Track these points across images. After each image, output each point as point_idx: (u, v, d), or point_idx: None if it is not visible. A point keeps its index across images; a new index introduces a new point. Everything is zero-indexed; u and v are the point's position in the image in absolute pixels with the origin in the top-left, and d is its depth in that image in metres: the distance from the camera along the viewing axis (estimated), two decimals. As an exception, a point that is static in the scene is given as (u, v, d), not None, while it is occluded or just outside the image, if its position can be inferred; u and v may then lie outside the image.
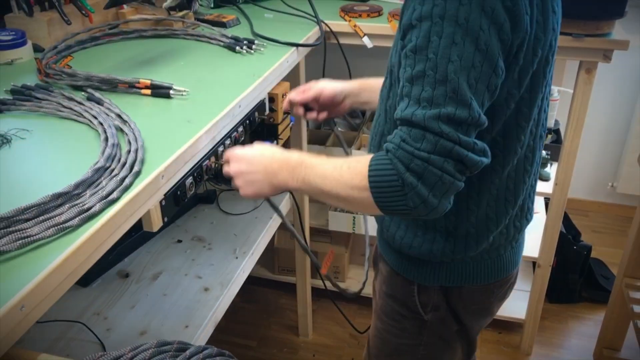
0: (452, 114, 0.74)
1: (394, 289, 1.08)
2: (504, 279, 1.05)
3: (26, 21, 1.38)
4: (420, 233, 0.97)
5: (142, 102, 1.11)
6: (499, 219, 0.96)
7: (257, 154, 0.96)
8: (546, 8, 0.81)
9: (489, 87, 0.76)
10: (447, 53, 0.73)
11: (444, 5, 0.73)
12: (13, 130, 0.97)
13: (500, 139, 0.88)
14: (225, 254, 1.57)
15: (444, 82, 0.74)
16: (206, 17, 1.60)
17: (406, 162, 0.75)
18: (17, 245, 0.68)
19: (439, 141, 0.74)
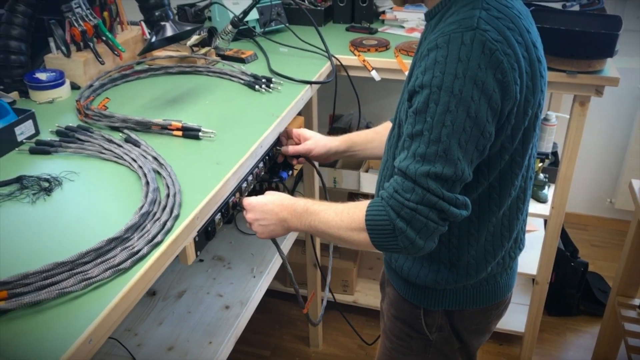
0: (439, 172, 0.87)
1: (401, 312, 1.20)
2: (501, 301, 1.17)
3: (64, 61, 1.51)
4: (426, 264, 1.10)
5: (174, 143, 1.23)
6: (496, 251, 1.08)
7: (268, 202, 1.11)
8: (535, 74, 0.93)
9: (478, 147, 0.89)
10: (442, 118, 0.86)
11: (441, 78, 0.86)
12: (63, 173, 1.10)
13: (496, 184, 1.00)
14: (244, 273, 1.70)
15: (437, 143, 0.87)
16: (226, 53, 1.72)
17: (397, 209, 0.90)
18: (82, 286, 0.80)
19: (426, 195, 0.88)
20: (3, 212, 0.99)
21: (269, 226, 1.11)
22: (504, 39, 0.87)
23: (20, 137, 1.21)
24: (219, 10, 1.88)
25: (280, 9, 1.98)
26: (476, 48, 0.85)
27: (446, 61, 0.85)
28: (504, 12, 0.90)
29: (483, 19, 0.87)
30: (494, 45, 0.85)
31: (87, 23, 1.49)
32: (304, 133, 1.40)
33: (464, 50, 0.85)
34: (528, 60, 0.90)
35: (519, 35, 0.89)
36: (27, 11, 1.45)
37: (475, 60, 0.84)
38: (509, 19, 0.89)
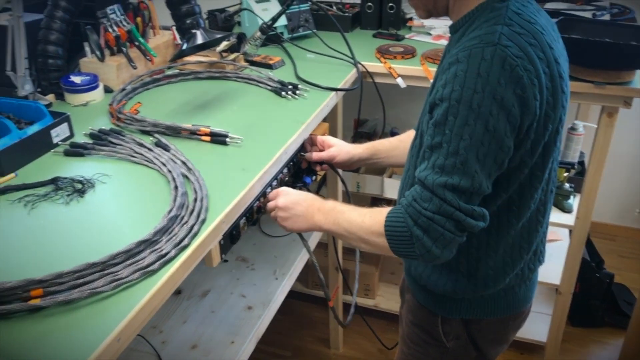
0: (456, 184, 0.89)
1: (419, 319, 1.21)
2: (519, 312, 1.18)
3: (98, 65, 1.56)
4: (445, 273, 1.11)
5: (202, 148, 1.27)
6: (514, 263, 1.09)
7: (301, 196, 1.16)
8: (556, 90, 0.93)
9: (496, 161, 0.90)
10: (460, 132, 0.88)
11: (460, 91, 0.87)
12: (96, 175, 1.15)
13: (516, 197, 1.01)
14: (266, 274, 1.73)
15: (455, 155, 0.89)
16: (254, 59, 1.76)
17: (414, 218, 0.92)
18: (112, 286, 0.84)
19: (442, 205, 0.90)
20: (39, 212, 1.04)
21: (297, 217, 1.15)
22: (525, 55, 0.87)
23: (55, 139, 1.26)
24: (249, 16, 1.91)
25: (308, 15, 2.01)
26: (496, 63, 0.86)
27: (466, 75, 0.87)
28: (526, 28, 0.90)
29: (505, 34, 0.88)
30: (514, 61, 0.86)
31: (121, 28, 1.54)
32: (328, 140, 1.42)
33: (484, 65, 0.86)
34: (549, 76, 0.91)
35: (541, 51, 0.90)
36: (65, 17, 1.51)
37: (494, 75, 0.86)
38: (531, 35, 0.90)
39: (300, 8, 1.96)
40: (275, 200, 1.19)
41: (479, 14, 0.96)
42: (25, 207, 1.06)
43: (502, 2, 0.94)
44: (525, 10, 0.94)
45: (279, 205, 1.18)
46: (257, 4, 1.90)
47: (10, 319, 0.80)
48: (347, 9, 2.16)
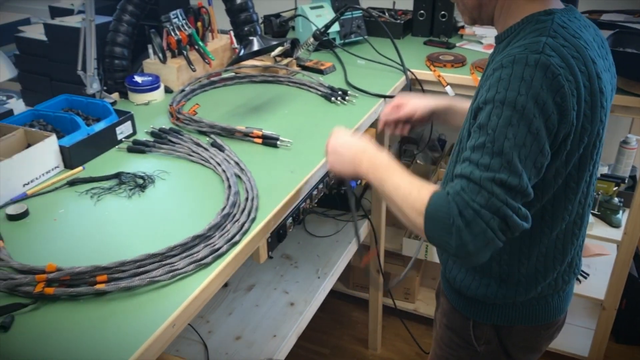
0: (505, 179, 0.88)
1: (452, 322, 1.24)
2: (551, 322, 1.18)
3: (159, 67, 1.65)
4: (478, 277, 1.13)
5: (254, 150, 1.34)
6: (547, 272, 1.10)
7: (354, 142, 1.12)
8: (595, 104, 0.94)
9: (536, 165, 0.90)
10: (504, 131, 0.88)
11: (504, 94, 0.89)
12: (156, 172, 1.23)
13: (549, 207, 1.02)
14: (309, 273, 1.78)
15: (500, 154, 0.88)
16: (306, 64, 1.82)
17: (461, 208, 0.88)
18: (169, 276, 0.91)
19: (491, 199, 0.88)
20: (104, 204, 1.13)
21: (343, 162, 1.11)
22: (567, 66, 0.89)
23: (119, 136, 1.36)
24: (303, 22, 1.97)
25: (361, 21, 2.05)
26: (539, 70, 0.88)
27: (510, 79, 0.89)
28: (570, 41, 0.92)
29: (549, 45, 0.90)
30: (557, 70, 0.88)
31: (182, 32, 1.63)
32: (399, 99, 1.37)
33: (528, 70, 0.88)
34: (589, 90, 0.92)
35: (583, 65, 0.91)
36: (131, 20, 1.60)
37: (537, 81, 0.87)
38: (574, 48, 0.92)
39: (353, 15, 2.01)
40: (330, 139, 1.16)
41: (525, 26, 0.98)
42: (92, 198, 1.15)
43: (548, 16, 0.96)
44: (570, 24, 0.96)
45: (329, 145, 1.15)
46: (311, 10, 1.95)
47: (78, 301, 0.88)
48: (399, 15, 2.19)
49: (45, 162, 1.20)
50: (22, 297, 0.88)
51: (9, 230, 1.04)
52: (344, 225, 2.00)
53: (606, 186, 1.98)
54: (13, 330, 0.83)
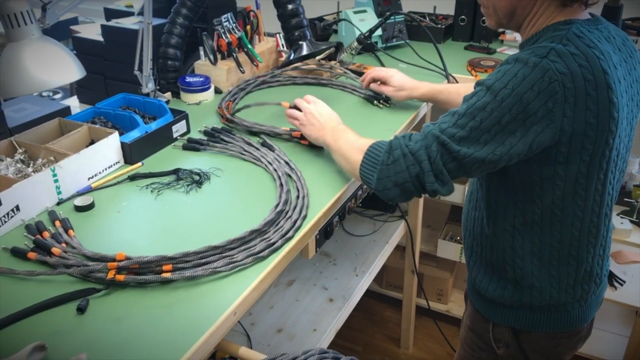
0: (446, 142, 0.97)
1: (474, 323, 1.27)
2: (572, 331, 1.18)
3: (210, 68, 1.72)
4: (495, 279, 1.16)
5: (301, 150, 1.39)
6: (560, 278, 1.11)
7: (328, 112, 1.33)
8: (602, 114, 0.94)
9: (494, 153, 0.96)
10: (475, 113, 0.96)
11: (493, 82, 0.95)
12: (211, 169, 1.29)
13: (558, 213, 1.04)
14: (347, 270, 1.83)
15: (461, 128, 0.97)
16: (349, 67, 1.86)
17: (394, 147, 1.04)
18: (229, 267, 0.97)
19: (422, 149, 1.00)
20: (164, 198, 1.20)
21: (312, 126, 1.32)
22: (570, 73, 0.91)
23: (175, 134, 1.43)
24: (346, 26, 2.02)
25: (402, 26, 2.09)
26: (536, 72, 0.91)
27: (505, 73, 0.94)
28: (581, 50, 0.93)
29: (556, 50, 0.92)
30: (556, 75, 0.90)
31: (232, 35, 1.69)
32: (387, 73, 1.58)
33: (524, 70, 0.92)
34: (594, 99, 0.93)
35: (590, 74, 0.92)
36: (185, 23, 1.67)
37: (529, 81, 0.91)
38: (584, 57, 0.93)
39: (395, 19, 2.05)
40: (308, 104, 1.35)
41: (543, 34, 1.01)
42: (152, 193, 1.21)
43: (566, 25, 0.98)
44: (588, 34, 0.97)
45: (303, 108, 1.34)
46: (354, 15, 2.00)
47: (146, 288, 0.95)
48: (439, 20, 2.23)
49: (108, 157, 1.27)
50: (95, 283, 0.95)
51: (77, 221, 1.12)
52: (381, 225, 2.05)
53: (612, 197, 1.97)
54: (88, 312, 0.90)
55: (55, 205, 1.17)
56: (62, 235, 1.05)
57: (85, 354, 0.79)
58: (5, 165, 1.19)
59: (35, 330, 0.86)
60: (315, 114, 1.32)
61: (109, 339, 0.85)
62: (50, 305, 0.90)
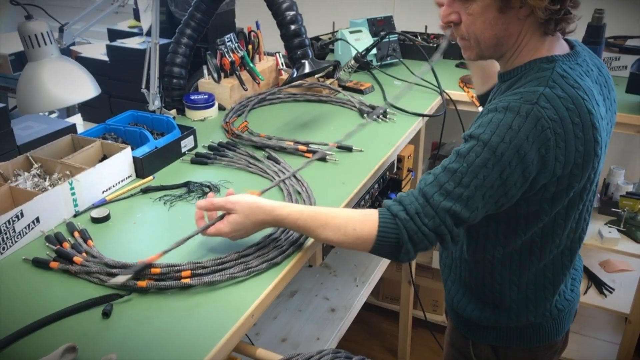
0: (458, 211, 0.96)
1: (454, 340, 1.31)
2: (547, 344, 1.22)
3: (214, 86, 1.78)
4: (474, 301, 1.20)
5: (306, 163, 1.45)
6: (538, 301, 1.15)
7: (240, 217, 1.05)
8: (588, 153, 0.97)
9: (497, 204, 0.98)
10: (477, 170, 0.95)
11: (490, 136, 0.94)
12: (220, 181, 1.34)
13: (538, 240, 1.09)
14: (348, 281, 1.88)
15: (465, 187, 0.96)
16: (347, 85, 1.94)
17: (412, 233, 0.98)
18: (245, 273, 1.02)
19: (440, 226, 0.98)
20: (177, 210, 1.25)
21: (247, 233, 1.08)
22: (560, 118, 0.93)
23: (183, 149, 1.48)
24: (342, 45, 2.10)
25: (396, 45, 2.17)
26: (530, 121, 0.92)
27: (499, 124, 0.93)
28: (567, 92, 0.95)
29: (545, 95, 0.94)
30: (547, 123, 0.92)
31: (235, 54, 1.76)
32: None
33: (518, 120, 0.92)
34: (582, 140, 0.96)
35: (577, 116, 0.95)
36: (189, 43, 1.74)
37: (524, 132, 0.92)
38: (570, 100, 0.95)
39: (390, 38, 2.13)
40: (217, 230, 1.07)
41: (527, 72, 1.01)
42: (165, 204, 1.26)
43: (550, 63, 0.99)
44: (571, 73, 0.98)
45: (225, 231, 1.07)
46: (350, 35, 2.08)
47: (166, 293, 0.99)
48: (431, 39, 2.31)
49: (121, 171, 1.32)
50: (118, 289, 0.99)
51: (94, 231, 1.16)
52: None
53: (632, 203, 2.06)
54: (113, 317, 0.94)
55: (72, 217, 1.21)
56: (82, 245, 1.10)
57: (116, 354, 0.83)
58: (23, 180, 1.24)
59: (65, 333, 0.90)
60: (234, 227, 1.06)
61: (135, 340, 0.89)
62: (77, 310, 0.94)
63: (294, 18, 1.52)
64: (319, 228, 1.03)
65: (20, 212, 1.09)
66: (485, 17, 0.98)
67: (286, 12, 1.52)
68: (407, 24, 2.44)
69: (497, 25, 0.98)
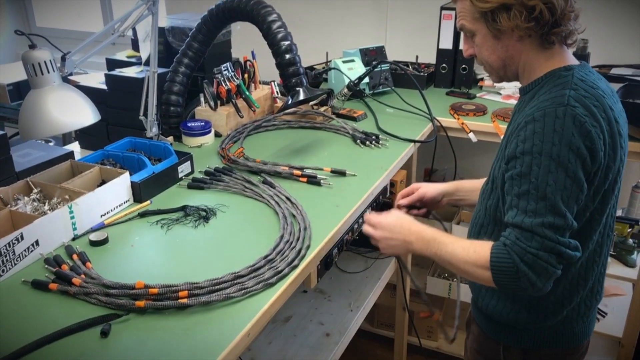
0: (552, 222, 1.03)
1: (483, 347, 1.33)
2: (576, 347, 1.27)
3: (210, 113, 1.82)
4: (509, 304, 1.24)
5: (300, 187, 1.48)
6: (572, 297, 1.20)
7: (397, 224, 1.22)
8: (615, 145, 1.08)
9: (577, 202, 1.05)
10: (545, 179, 1.03)
11: (541, 145, 1.03)
12: (216, 205, 1.37)
13: (577, 238, 1.12)
14: (342, 306, 1.89)
15: (544, 199, 1.03)
16: (340, 112, 1.98)
17: (521, 255, 1.04)
18: (241, 293, 1.04)
19: (544, 242, 1.03)
20: (174, 233, 1.27)
21: (395, 246, 1.22)
22: (590, 114, 1.03)
23: (180, 174, 1.51)
24: (335, 74, 2.15)
25: (388, 74, 2.23)
26: (568, 120, 1.02)
27: (544, 132, 1.03)
28: (590, 92, 1.06)
29: (572, 97, 1.04)
30: (582, 118, 1.02)
31: (231, 82, 1.81)
32: (412, 186, 1.53)
33: (558, 122, 1.02)
34: (610, 133, 1.06)
35: (603, 112, 1.05)
36: (186, 72, 1.79)
37: (568, 130, 1.02)
38: (594, 98, 1.06)
39: (382, 68, 2.19)
40: (373, 231, 1.24)
41: (547, 80, 1.12)
42: (162, 228, 1.29)
43: (568, 71, 1.11)
44: (588, 77, 1.10)
45: (376, 238, 1.23)
46: (343, 64, 2.14)
47: (164, 313, 1.01)
48: (422, 68, 2.38)
49: (119, 195, 1.35)
50: (116, 309, 1.01)
51: (93, 254, 1.18)
52: (372, 263, 2.12)
53: (621, 227, 2.09)
54: (111, 336, 0.95)
55: (71, 240, 1.23)
56: (81, 267, 1.12)
57: (114, 372, 0.85)
58: (23, 204, 1.26)
59: (64, 353, 0.91)
60: (389, 232, 1.22)
61: (134, 359, 0.91)
62: (75, 330, 0.95)
63: (288, 47, 1.58)
64: (447, 254, 1.13)
65: (20, 235, 1.11)
66: (487, 45, 1.14)
67: (281, 42, 1.57)
68: (398, 53, 2.51)
69: (498, 50, 1.13)
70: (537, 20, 1.07)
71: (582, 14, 1.14)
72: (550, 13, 1.07)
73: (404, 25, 2.60)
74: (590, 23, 1.26)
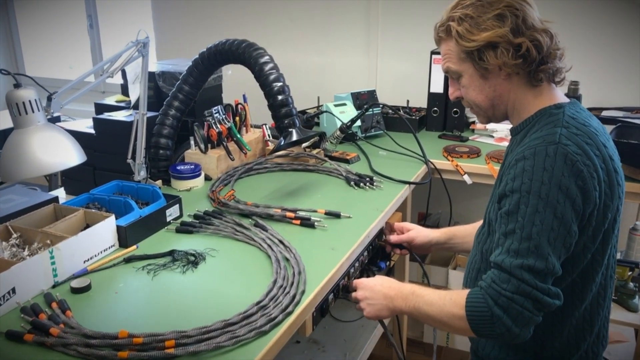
0: (532, 265, 0.98)
1: None
2: None
3: (200, 156, 1.78)
4: (512, 354, 1.18)
5: (293, 230, 1.43)
6: (578, 344, 1.15)
7: (377, 284, 1.21)
8: (612, 183, 1.05)
9: (565, 245, 1.00)
10: (532, 219, 0.99)
11: (529, 184, 1.00)
12: (206, 250, 1.31)
13: (579, 280, 1.10)
14: (337, 357, 1.80)
15: (529, 240, 0.99)
16: (333, 154, 1.95)
17: (494, 298, 1.00)
18: (232, 342, 0.97)
19: (521, 285, 0.98)
20: (161, 279, 1.20)
21: (376, 305, 1.20)
22: (583, 152, 1.00)
23: (168, 218, 1.45)
24: (327, 117, 2.14)
25: (380, 117, 2.22)
26: (559, 159, 0.99)
27: (533, 170, 1.00)
28: (581, 130, 1.04)
29: (564, 135, 1.02)
30: (574, 157, 0.99)
31: (222, 125, 1.78)
32: (406, 225, 1.54)
33: (549, 161, 0.99)
34: (605, 171, 1.03)
35: (596, 149, 1.02)
36: (176, 114, 1.76)
37: (559, 169, 0.98)
38: (586, 136, 1.03)
39: (373, 111, 2.18)
40: (355, 293, 1.25)
41: (538, 119, 1.10)
42: (148, 274, 1.22)
43: (558, 109, 1.08)
44: (579, 115, 1.08)
45: (358, 299, 1.23)
46: (335, 108, 2.12)
47: (148, 365, 0.94)
48: (413, 112, 2.37)
49: (104, 240, 1.28)
50: (96, 361, 0.93)
51: (74, 302, 1.11)
52: (367, 310, 2.04)
53: (621, 271, 2.05)
54: (90, 391, 0.87)
55: (51, 287, 1.16)
56: (60, 316, 1.04)
57: None
58: (1, 249, 1.19)
59: (36, 410, 0.83)
60: (370, 292, 1.22)
61: (113, 417, 0.83)
62: (51, 384, 0.88)
63: (281, 89, 1.56)
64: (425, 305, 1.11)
65: (-5, 282, 1.04)
66: (474, 86, 1.13)
67: (274, 83, 1.55)
68: (389, 97, 2.51)
69: (485, 90, 1.12)
70: (524, 57, 1.06)
71: (574, 56, 1.14)
72: (537, 50, 1.07)
73: (394, 70, 2.62)
74: (581, 66, 1.26)
